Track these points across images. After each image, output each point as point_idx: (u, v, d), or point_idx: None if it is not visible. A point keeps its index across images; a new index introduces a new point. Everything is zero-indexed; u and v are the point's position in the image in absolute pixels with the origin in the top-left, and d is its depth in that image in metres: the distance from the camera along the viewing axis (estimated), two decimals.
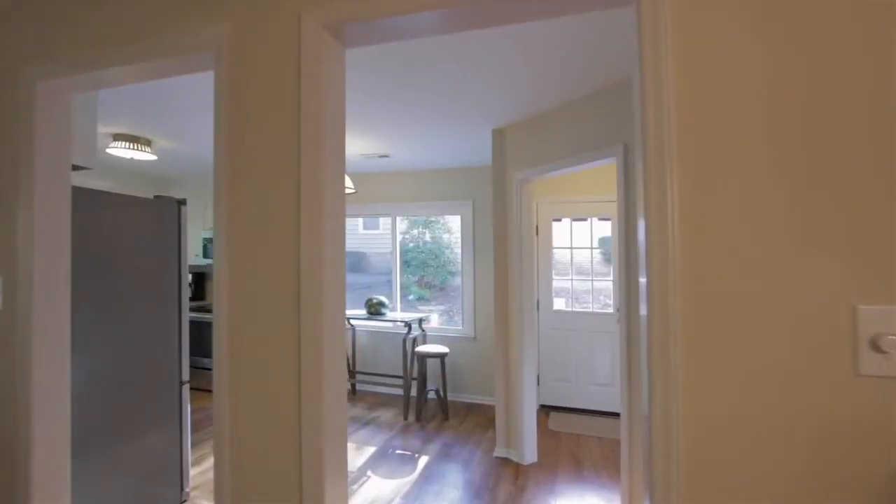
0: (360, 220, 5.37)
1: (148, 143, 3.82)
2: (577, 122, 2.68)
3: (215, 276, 1.27)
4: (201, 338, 4.81)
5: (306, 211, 1.15)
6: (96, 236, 2.11)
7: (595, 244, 4.24)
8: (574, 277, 4.27)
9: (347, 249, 5.18)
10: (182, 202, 2.56)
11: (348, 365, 4.78)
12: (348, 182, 3.74)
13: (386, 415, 4.13)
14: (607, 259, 4.29)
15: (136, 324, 2.30)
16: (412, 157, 4.18)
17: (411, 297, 5.07)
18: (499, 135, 3.29)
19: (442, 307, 4.97)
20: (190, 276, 5.43)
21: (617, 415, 4.05)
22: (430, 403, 4.46)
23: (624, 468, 2.45)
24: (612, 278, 4.15)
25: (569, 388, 4.22)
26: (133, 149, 3.70)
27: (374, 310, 4.37)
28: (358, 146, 3.83)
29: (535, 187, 4.10)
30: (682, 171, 0.93)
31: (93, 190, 2.12)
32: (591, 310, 4.19)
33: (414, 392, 4.56)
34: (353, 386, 4.76)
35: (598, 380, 4.13)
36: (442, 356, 3.99)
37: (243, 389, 1.23)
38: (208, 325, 4.74)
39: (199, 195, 5.31)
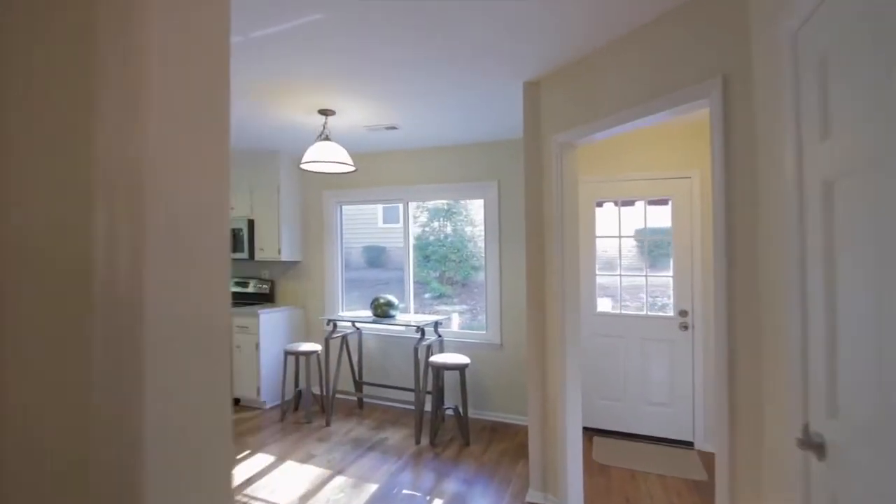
0: (380, 213, 4.75)
1: None
2: (645, 56, 1.93)
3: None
4: None
5: None
6: None
7: (641, 232, 3.45)
8: (623, 273, 3.49)
9: (365, 244, 4.57)
10: None
11: (353, 375, 4.14)
12: (346, 158, 3.08)
13: (395, 436, 3.47)
14: (662, 253, 3.50)
15: None
16: (425, 129, 3.48)
17: (427, 295, 4.40)
18: (532, 89, 2.56)
19: (464, 307, 4.28)
20: None
21: (678, 443, 3.28)
22: (448, 422, 3.78)
23: None
24: (670, 273, 3.36)
25: (617, 409, 3.46)
26: None
27: (382, 311, 3.71)
28: (360, 114, 3.16)
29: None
30: None
31: None
32: (643, 312, 3.41)
33: (429, 406, 3.89)
34: (359, 400, 4.12)
35: (653, 398, 3.36)
36: (461, 368, 3.30)
37: None
38: None
39: None
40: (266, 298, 4.62)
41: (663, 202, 3.44)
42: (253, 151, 4.28)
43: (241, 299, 4.71)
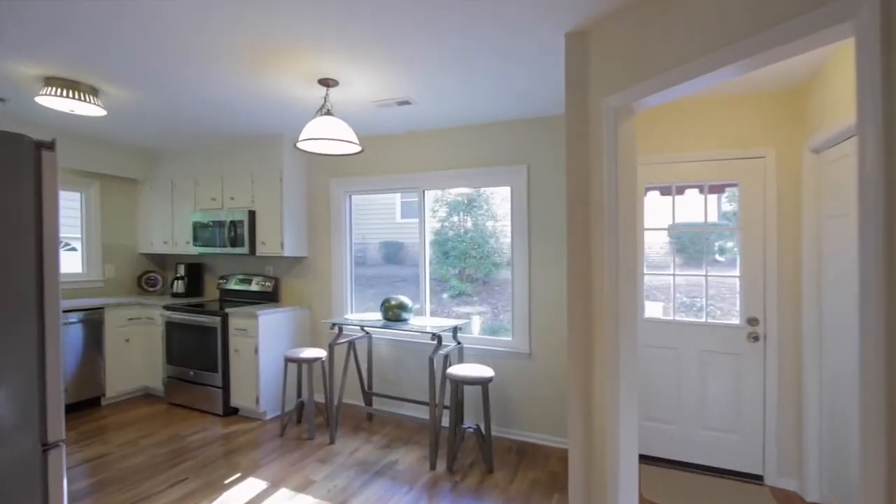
0: (398, 207, 4.31)
1: (93, 91, 2.87)
2: None
3: None
4: (195, 344, 3.88)
5: None
6: None
7: (698, 224, 2.89)
8: (677, 273, 2.95)
9: (383, 239, 4.16)
10: (47, 145, 1.52)
11: (362, 385, 3.70)
12: (350, 135, 2.62)
13: (407, 458, 3.01)
14: (724, 250, 2.94)
15: None
16: (443, 104, 3.00)
17: (446, 294, 3.94)
18: (577, 41, 2.04)
19: (485, 306, 3.80)
20: (182, 269, 4.55)
21: (744, 476, 2.73)
22: (468, 440, 3.30)
23: None
24: (736, 273, 2.80)
25: (668, 433, 2.93)
26: (72, 97, 2.76)
27: (393, 314, 3.25)
28: (367, 85, 2.70)
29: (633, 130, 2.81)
30: None
31: None
32: (702, 319, 2.86)
33: (446, 420, 3.43)
34: (368, 414, 3.68)
35: (713, 422, 2.82)
36: (484, 383, 2.82)
37: None
38: (204, 329, 3.80)
39: (188, 169, 4.39)
40: (269, 298, 4.22)
41: (725, 188, 2.88)
42: (253, 135, 3.87)
43: (245, 298, 4.33)
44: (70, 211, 4.33)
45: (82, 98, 2.82)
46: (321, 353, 3.43)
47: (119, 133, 3.83)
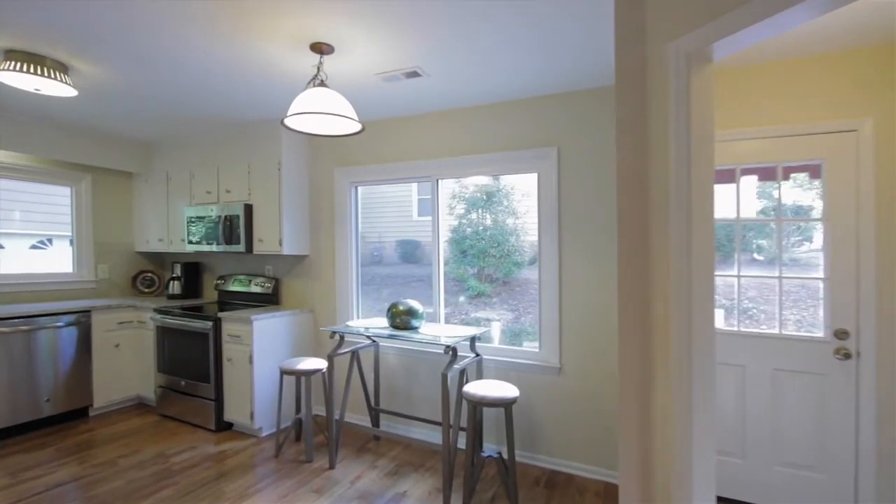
0: (415, 204, 3.94)
1: (61, 67, 2.53)
2: None
3: None
4: (187, 351, 3.54)
5: None
6: None
7: (771, 211, 2.37)
8: (742, 274, 2.44)
9: (398, 238, 3.79)
10: None
11: (367, 400, 3.29)
12: (347, 109, 2.20)
13: (417, 490, 2.58)
14: (801, 243, 2.42)
15: None
16: (459, 77, 2.56)
17: (463, 297, 3.50)
18: None
19: (504, 307, 3.35)
20: (179, 269, 4.22)
21: None
22: (488, 467, 2.86)
23: None
24: (819, 274, 2.28)
25: (733, 468, 2.42)
26: (37, 73, 2.42)
27: (401, 322, 2.82)
28: (369, 53, 2.28)
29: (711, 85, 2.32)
30: None
31: None
32: (776, 331, 2.35)
33: (462, 442, 2.99)
34: (375, 436, 3.27)
35: (791, 456, 2.30)
36: (507, 405, 2.36)
37: None
38: (195, 335, 3.45)
39: (184, 160, 4.06)
40: (269, 300, 3.85)
41: (805, 168, 2.36)
42: (248, 121, 3.50)
43: (244, 300, 3.97)
44: (60, 207, 4.05)
45: (49, 75, 2.48)
46: (321, 363, 3.03)
47: (99, 119, 3.51)
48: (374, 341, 3.31)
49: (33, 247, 3.95)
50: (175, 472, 2.76)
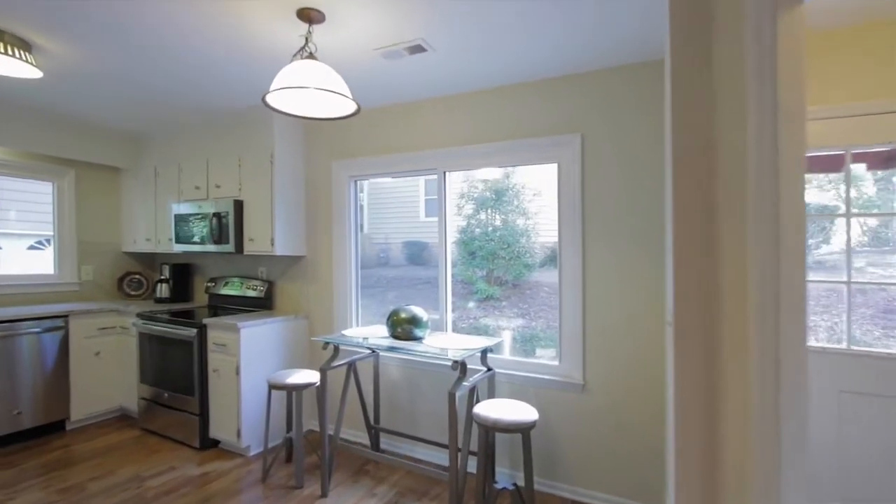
0: (422, 205, 3.64)
1: (23, 45, 2.25)
2: None
3: None
4: (170, 360, 3.24)
5: None
6: None
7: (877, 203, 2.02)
8: (853, 279, 2.08)
9: (405, 239, 3.49)
10: None
11: (366, 417, 2.96)
12: (339, 84, 1.89)
13: None
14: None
15: None
16: (468, 53, 2.24)
17: (472, 303, 3.18)
18: None
19: (514, 311, 3.02)
20: (167, 271, 3.94)
21: None
22: (501, 498, 2.52)
23: None
24: None
25: None
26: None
27: (403, 331, 2.50)
28: (367, 25, 1.97)
29: (804, 32, 1.98)
30: None
31: None
32: (841, 346, 1.99)
33: (473, 468, 2.67)
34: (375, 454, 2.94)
35: (859, 492, 1.94)
36: (525, 430, 2.03)
37: None
38: (179, 343, 3.14)
39: (173, 154, 3.78)
40: (262, 305, 3.55)
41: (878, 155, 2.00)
42: (239, 110, 3.21)
43: (237, 304, 3.68)
44: (40, 205, 3.78)
45: (9, 52, 2.20)
46: (314, 376, 2.71)
47: (73, 106, 3.23)
48: (373, 351, 2.99)
49: (31, 247, 3.72)
50: (149, 499, 2.45)
